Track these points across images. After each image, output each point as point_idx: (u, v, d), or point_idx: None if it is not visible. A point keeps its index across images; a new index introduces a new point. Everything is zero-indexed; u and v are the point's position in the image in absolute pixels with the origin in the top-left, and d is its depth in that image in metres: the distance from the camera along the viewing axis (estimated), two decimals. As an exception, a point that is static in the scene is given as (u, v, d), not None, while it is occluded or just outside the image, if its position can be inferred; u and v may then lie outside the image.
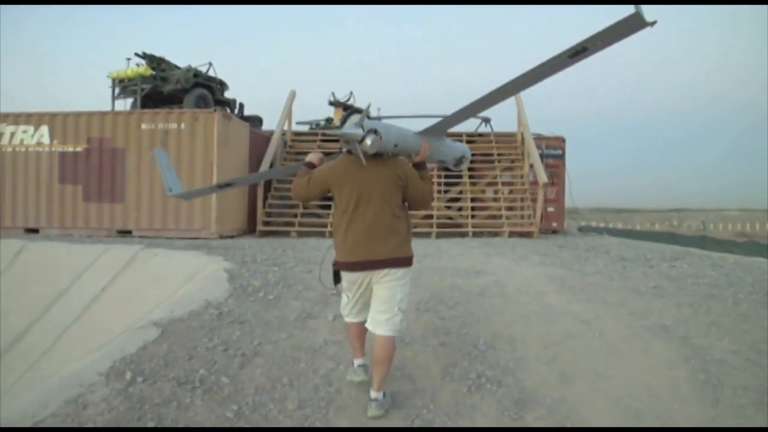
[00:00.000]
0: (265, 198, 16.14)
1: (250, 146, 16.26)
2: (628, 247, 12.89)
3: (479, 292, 7.48)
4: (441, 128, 5.25)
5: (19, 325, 10.10)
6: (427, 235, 15.16)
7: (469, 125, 21.10)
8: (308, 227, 15.52)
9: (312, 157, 5.02)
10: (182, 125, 14.23)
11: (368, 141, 4.41)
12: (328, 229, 15.10)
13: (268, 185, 16.44)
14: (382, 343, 4.62)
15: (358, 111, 4.71)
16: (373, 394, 4.75)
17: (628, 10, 3.22)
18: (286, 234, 15.21)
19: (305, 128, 23.01)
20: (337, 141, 18.50)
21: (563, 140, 18.32)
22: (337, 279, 4.98)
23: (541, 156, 16.44)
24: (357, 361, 5.11)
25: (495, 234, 15.39)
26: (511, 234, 15.18)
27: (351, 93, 22.73)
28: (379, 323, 4.64)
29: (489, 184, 17.37)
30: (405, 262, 4.72)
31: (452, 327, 6.46)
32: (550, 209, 17.16)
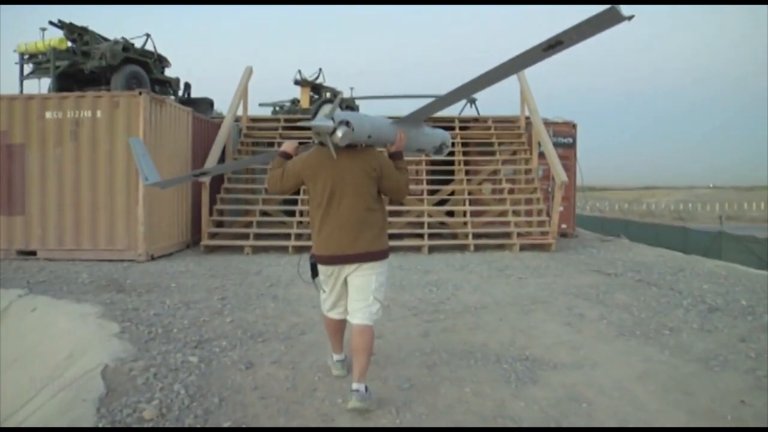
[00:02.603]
0: (213, 202, 12.37)
1: (193, 136, 12.47)
2: (683, 272, 9.38)
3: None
4: (417, 117, 4.76)
5: None
6: (417, 249, 11.54)
7: (454, 108, 17.45)
8: (266, 240, 11.79)
9: (287, 146, 4.64)
10: (98, 113, 10.39)
11: (339, 133, 3.98)
12: (293, 242, 11.44)
13: (216, 185, 12.68)
14: (359, 331, 4.19)
15: (330, 101, 4.24)
16: (355, 385, 4.09)
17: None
18: (239, 250, 11.48)
19: (267, 112, 19.38)
20: (302, 129, 15.01)
21: (574, 126, 14.74)
22: (314, 272, 4.50)
23: (549, 145, 12.86)
24: (335, 356, 4.70)
25: (501, 246, 11.81)
26: (523, 247, 11.62)
27: (320, 70, 19.06)
28: (354, 312, 4.26)
29: (486, 181, 13.81)
30: (381, 255, 4.28)
31: None
32: (559, 209, 13.52)
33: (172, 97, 14.20)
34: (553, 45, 3.29)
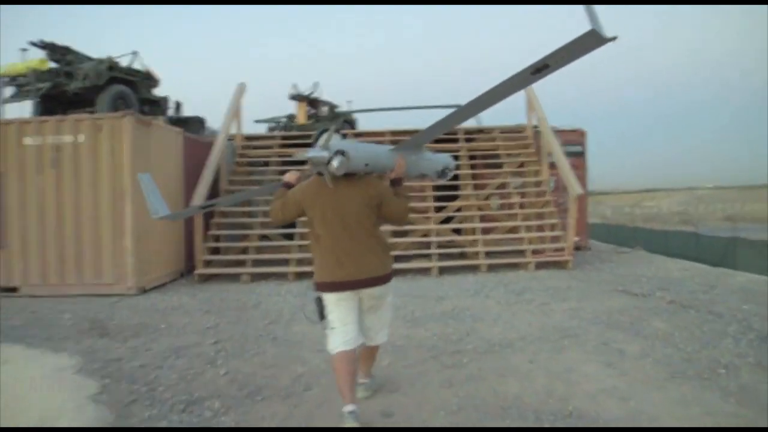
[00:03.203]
0: (207, 227, 11.59)
1: (185, 157, 11.70)
2: (715, 290, 8.66)
3: None
4: (416, 143, 4.70)
5: None
6: (426, 271, 10.75)
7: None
8: (265, 267, 10.97)
9: (289, 176, 4.55)
10: (80, 137, 9.63)
11: (335, 163, 3.92)
12: (293, 268, 10.65)
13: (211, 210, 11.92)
14: (370, 349, 4.53)
15: (328, 130, 4.21)
16: (362, 379, 4.56)
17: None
18: (236, 278, 10.69)
19: (262, 129, 18.67)
20: (299, 146, 14.25)
21: (583, 134, 14.02)
22: (321, 314, 4.27)
23: (559, 155, 12.07)
24: (348, 408, 4.05)
25: (514, 265, 11.02)
26: (538, 265, 10.84)
27: (316, 84, 18.27)
28: (374, 337, 4.44)
29: (494, 195, 13.04)
30: (385, 279, 4.30)
31: None
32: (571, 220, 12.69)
33: (162, 117, 13.46)
34: (540, 68, 3.30)
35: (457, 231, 12.70)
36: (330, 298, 4.23)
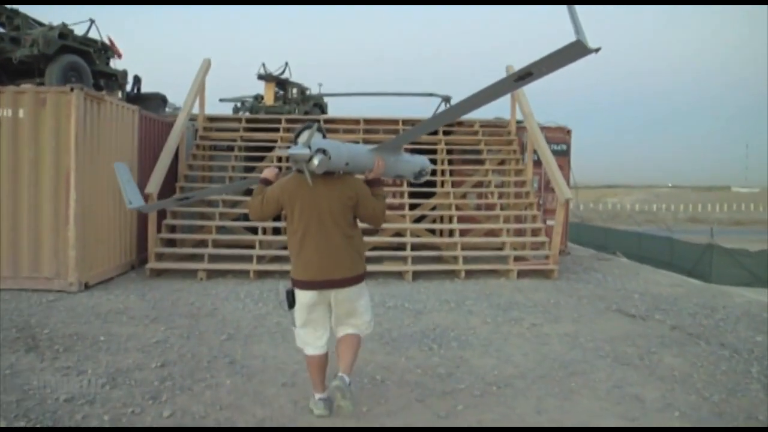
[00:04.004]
0: (162, 215, 10.50)
1: (140, 138, 10.59)
2: (717, 313, 7.92)
3: None
4: (395, 144, 4.74)
5: None
6: (399, 275, 9.82)
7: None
8: (224, 263, 9.90)
9: (267, 173, 4.50)
10: (21, 112, 8.47)
11: (315, 161, 3.90)
12: (254, 266, 9.63)
13: (167, 196, 10.80)
14: (347, 336, 4.26)
15: (310, 127, 4.07)
16: (341, 373, 4.05)
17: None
18: (192, 274, 9.62)
19: (227, 109, 17.62)
20: (266, 131, 13.21)
21: (568, 132, 13.20)
22: (291, 303, 4.27)
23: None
24: (318, 395, 4.36)
25: (494, 271, 10.14)
26: (521, 274, 9.97)
27: (286, 64, 17.20)
28: (344, 326, 4.27)
29: (471, 193, 12.19)
30: (358, 280, 4.25)
31: None
32: (551, 222, 11.75)
33: (119, 93, 12.29)
34: (524, 76, 3.34)
35: (433, 231, 11.81)
36: (299, 296, 4.19)
